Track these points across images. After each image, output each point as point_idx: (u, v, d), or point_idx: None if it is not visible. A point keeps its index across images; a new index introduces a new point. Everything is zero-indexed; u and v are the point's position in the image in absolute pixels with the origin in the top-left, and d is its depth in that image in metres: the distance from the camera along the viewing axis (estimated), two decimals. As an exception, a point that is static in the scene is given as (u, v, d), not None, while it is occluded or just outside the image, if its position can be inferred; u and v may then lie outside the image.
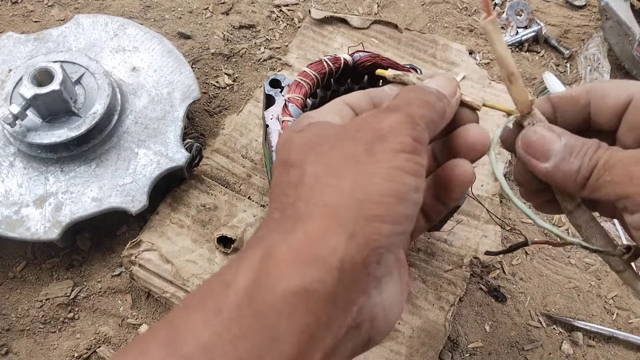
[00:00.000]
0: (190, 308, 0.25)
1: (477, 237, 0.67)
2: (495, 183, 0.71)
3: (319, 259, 0.24)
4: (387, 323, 0.29)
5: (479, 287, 0.66)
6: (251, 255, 0.25)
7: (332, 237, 0.25)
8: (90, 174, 0.61)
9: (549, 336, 0.64)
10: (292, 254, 0.25)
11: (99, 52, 0.70)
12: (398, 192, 0.27)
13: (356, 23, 0.84)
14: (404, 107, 0.30)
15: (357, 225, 0.25)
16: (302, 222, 0.26)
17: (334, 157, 0.28)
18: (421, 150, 0.29)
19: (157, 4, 0.85)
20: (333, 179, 0.27)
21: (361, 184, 0.27)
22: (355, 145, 0.28)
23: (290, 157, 0.30)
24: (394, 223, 0.27)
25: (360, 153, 0.28)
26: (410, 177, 0.28)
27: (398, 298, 0.30)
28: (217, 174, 0.68)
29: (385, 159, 0.27)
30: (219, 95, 0.78)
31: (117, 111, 0.64)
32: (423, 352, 0.59)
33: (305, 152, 0.29)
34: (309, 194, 0.27)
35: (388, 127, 0.28)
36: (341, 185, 0.27)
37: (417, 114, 0.30)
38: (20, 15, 0.82)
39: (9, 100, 0.60)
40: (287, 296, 0.23)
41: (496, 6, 0.93)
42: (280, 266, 0.24)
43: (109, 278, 0.63)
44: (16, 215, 0.59)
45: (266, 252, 0.25)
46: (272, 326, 0.23)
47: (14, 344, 0.59)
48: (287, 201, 0.28)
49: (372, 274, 0.26)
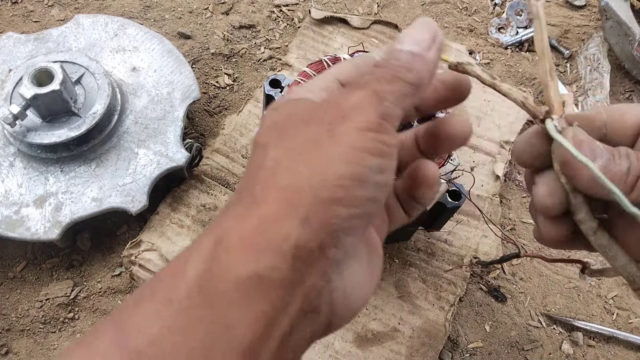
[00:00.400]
0: (141, 300, 0.24)
1: (477, 237, 0.67)
2: (495, 183, 0.71)
3: (271, 244, 0.24)
4: (349, 307, 0.29)
5: (479, 287, 0.66)
6: (203, 242, 0.25)
7: (286, 222, 0.25)
8: (90, 174, 0.61)
9: (549, 336, 0.64)
10: (244, 241, 0.24)
11: (99, 52, 0.70)
12: (357, 174, 0.26)
13: (356, 23, 0.84)
14: (371, 83, 0.28)
15: (311, 209, 0.25)
16: (257, 207, 0.25)
17: (297, 140, 0.27)
18: (388, 128, 0.27)
19: (157, 4, 0.85)
20: (292, 162, 0.26)
21: (318, 167, 0.26)
22: (318, 127, 0.27)
23: (259, 137, 0.29)
24: (351, 206, 0.26)
25: (322, 135, 0.27)
26: (373, 158, 0.27)
27: (364, 283, 0.30)
28: (217, 174, 0.68)
29: (345, 140, 0.26)
30: (219, 95, 0.78)
31: (117, 111, 0.64)
32: (423, 352, 0.59)
33: (271, 133, 0.28)
34: (267, 179, 0.26)
35: (352, 106, 0.27)
36: (299, 168, 0.26)
37: (385, 90, 0.28)
38: (20, 15, 0.82)
39: (9, 100, 0.60)
40: (239, 283, 0.23)
41: (496, 6, 0.93)
42: (232, 253, 0.24)
43: (109, 278, 0.63)
44: (16, 215, 0.59)
45: (217, 239, 0.24)
46: (224, 314, 0.23)
47: (14, 344, 0.59)
48: (247, 185, 0.27)
49: (330, 258, 0.25)
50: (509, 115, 0.77)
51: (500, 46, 0.88)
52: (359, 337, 0.59)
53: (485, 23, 0.91)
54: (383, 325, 0.60)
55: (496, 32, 0.90)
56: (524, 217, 0.72)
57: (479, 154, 0.73)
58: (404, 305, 0.62)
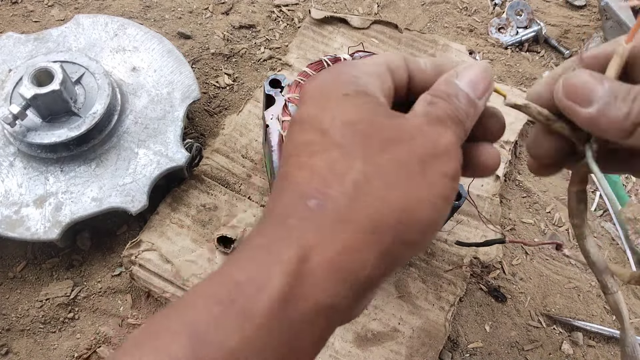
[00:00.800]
0: (217, 304, 0.23)
1: (477, 237, 0.67)
2: (495, 183, 0.71)
3: (351, 275, 0.24)
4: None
5: (479, 287, 0.66)
6: (284, 253, 0.24)
7: (368, 254, 0.25)
8: (90, 174, 0.61)
9: (549, 336, 0.64)
10: (328, 265, 0.24)
11: (99, 52, 0.70)
12: (436, 224, 0.27)
13: (356, 23, 0.84)
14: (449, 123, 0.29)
15: (391, 247, 0.26)
16: (342, 228, 0.25)
17: (386, 161, 0.27)
18: (459, 177, 0.29)
19: (157, 4, 0.85)
20: (383, 188, 0.26)
21: (409, 206, 0.26)
22: (409, 156, 0.27)
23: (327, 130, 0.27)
24: (416, 249, 0.27)
25: (414, 167, 0.27)
26: (447, 207, 0.28)
27: None
28: (217, 174, 0.68)
29: (435, 184, 0.27)
30: (219, 95, 0.78)
31: (117, 111, 0.64)
32: (423, 352, 0.59)
33: (351, 135, 0.27)
34: (356, 196, 0.26)
35: (443, 147, 0.28)
36: (390, 199, 0.26)
37: (462, 131, 0.29)
38: (20, 15, 0.82)
39: (9, 100, 0.60)
40: (317, 309, 0.24)
41: (496, 6, 0.93)
42: (316, 276, 0.24)
43: (109, 278, 0.63)
44: (16, 215, 0.59)
45: (303, 256, 0.24)
46: (297, 337, 0.23)
47: (14, 344, 0.59)
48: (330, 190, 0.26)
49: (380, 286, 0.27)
50: (509, 116, 0.77)
51: (500, 46, 0.88)
52: (359, 337, 0.59)
53: (485, 23, 0.91)
54: (383, 325, 0.60)
55: (496, 32, 0.90)
56: (524, 217, 0.72)
57: (479, 154, 0.73)
58: (404, 305, 0.62)
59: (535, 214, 0.72)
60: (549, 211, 0.73)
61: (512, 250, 0.69)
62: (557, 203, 0.73)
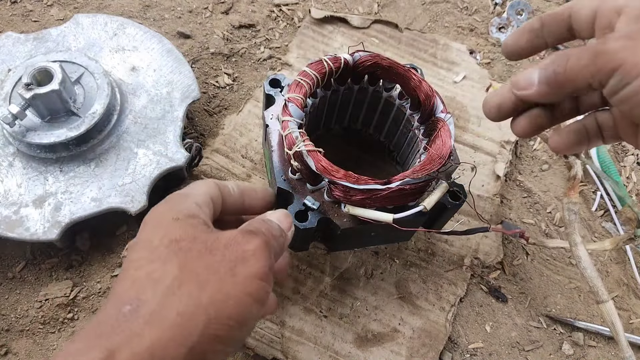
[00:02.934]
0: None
1: (478, 237, 0.67)
2: (495, 183, 0.71)
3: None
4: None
5: (479, 287, 0.66)
6: (92, 354, 0.27)
7: (174, 349, 0.28)
8: (90, 174, 0.61)
9: (550, 337, 0.63)
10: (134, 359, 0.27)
11: (99, 52, 0.70)
12: (243, 319, 0.31)
13: (356, 22, 0.84)
14: (261, 234, 0.36)
15: (198, 340, 0.29)
16: (151, 327, 0.28)
17: (201, 266, 0.32)
18: (271, 279, 0.34)
19: (157, 3, 0.85)
20: (195, 289, 0.30)
21: (218, 303, 0.30)
22: (222, 261, 0.32)
23: (156, 247, 0.33)
24: (227, 345, 0.31)
25: (225, 270, 0.32)
26: (257, 306, 0.32)
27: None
28: (217, 174, 0.68)
29: (243, 283, 0.32)
30: (218, 95, 0.78)
31: (116, 111, 0.64)
32: (423, 352, 0.59)
33: (173, 250, 0.32)
34: (167, 297, 0.30)
35: (251, 251, 0.34)
36: (200, 297, 0.30)
37: (271, 243, 0.36)
38: (19, 14, 0.82)
39: (8, 100, 0.60)
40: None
41: (497, 5, 0.93)
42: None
43: (108, 278, 0.63)
44: (15, 215, 0.59)
45: (109, 354, 0.27)
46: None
47: (13, 345, 0.59)
48: (143, 296, 0.30)
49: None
50: (510, 115, 0.77)
51: (500, 46, 0.88)
52: (359, 337, 0.59)
53: (485, 22, 0.90)
54: (383, 325, 0.60)
55: (497, 31, 0.90)
56: (524, 217, 0.72)
57: (479, 153, 0.73)
58: (404, 306, 0.62)
59: (536, 214, 0.72)
60: (549, 211, 0.73)
61: (512, 251, 0.69)
62: (557, 203, 0.73)
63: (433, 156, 0.49)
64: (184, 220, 0.35)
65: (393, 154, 0.67)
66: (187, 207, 0.37)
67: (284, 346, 0.57)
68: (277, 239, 0.38)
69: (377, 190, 0.47)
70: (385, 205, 0.49)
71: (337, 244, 0.59)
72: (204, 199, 0.40)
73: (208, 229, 0.36)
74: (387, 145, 0.67)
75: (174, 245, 0.33)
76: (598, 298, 0.44)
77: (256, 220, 0.40)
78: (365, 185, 0.47)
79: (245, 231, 0.36)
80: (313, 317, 0.60)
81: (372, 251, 0.65)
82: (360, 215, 0.49)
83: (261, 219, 0.40)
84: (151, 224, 0.36)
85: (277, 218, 0.42)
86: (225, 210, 0.44)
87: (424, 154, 0.51)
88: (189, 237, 0.34)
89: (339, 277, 0.62)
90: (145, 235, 0.35)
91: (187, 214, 0.36)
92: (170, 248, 0.33)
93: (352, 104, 0.63)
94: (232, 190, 0.44)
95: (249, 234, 0.36)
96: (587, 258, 0.44)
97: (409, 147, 0.61)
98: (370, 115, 0.65)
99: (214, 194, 0.41)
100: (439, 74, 0.80)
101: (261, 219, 0.40)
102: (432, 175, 0.49)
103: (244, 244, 0.34)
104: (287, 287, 0.61)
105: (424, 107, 0.54)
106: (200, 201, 0.39)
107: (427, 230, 0.56)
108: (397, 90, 0.59)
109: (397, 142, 0.64)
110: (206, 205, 0.39)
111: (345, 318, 0.60)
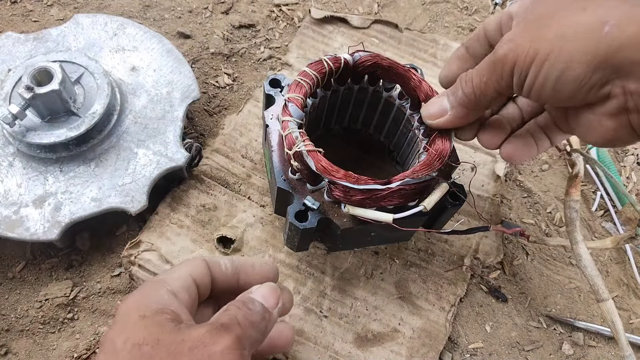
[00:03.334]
0: None
1: (478, 237, 0.67)
2: (495, 183, 0.71)
3: None
4: None
5: (479, 287, 0.66)
6: None
7: None
8: (90, 174, 0.61)
9: (550, 337, 0.64)
10: None
11: (99, 52, 0.70)
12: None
13: (356, 22, 0.84)
14: (234, 328, 0.34)
15: None
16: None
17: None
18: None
19: (157, 3, 0.85)
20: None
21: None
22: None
23: (118, 351, 0.32)
24: None
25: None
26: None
27: None
28: (217, 174, 0.68)
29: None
30: (218, 95, 0.78)
31: (116, 111, 0.64)
32: (423, 352, 0.59)
33: (135, 356, 0.32)
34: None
35: (219, 353, 0.32)
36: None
37: (244, 336, 0.34)
38: (19, 14, 0.82)
39: (8, 100, 0.60)
40: None
41: (497, 5, 0.93)
42: None
43: (108, 278, 0.63)
44: (15, 215, 0.59)
45: None
46: None
47: (13, 345, 0.59)
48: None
49: None
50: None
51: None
52: (359, 337, 0.59)
53: (485, 22, 0.90)
54: (383, 325, 0.60)
55: (497, 31, 0.89)
56: (524, 217, 0.72)
57: (479, 153, 0.73)
58: (404, 306, 0.62)
59: (536, 214, 0.72)
60: (549, 211, 0.73)
61: (512, 251, 0.69)
62: (557, 203, 0.73)
63: (433, 156, 0.49)
64: (150, 317, 0.34)
65: (393, 154, 0.67)
66: (158, 300, 0.35)
67: (284, 346, 0.57)
68: (256, 326, 0.35)
69: (377, 190, 0.47)
70: (385, 205, 0.49)
71: (337, 244, 0.59)
72: (183, 283, 0.38)
73: (175, 328, 0.34)
74: (387, 145, 0.67)
75: (136, 351, 0.32)
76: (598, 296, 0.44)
77: (233, 305, 0.36)
78: (365, 185, 0.47)
79: (215, 327, 0.33)
80: (313, 317, 0.60)
81: (372, 251, 0.65)
82: (360, 215, 0.49)
83: (240, 302, 0.37)
84: (119, 320, 0.35)
85: (262, 295, 0.39)
86: (216, 290, 0.42)
87: (424, 154, 0.51)
88: (152, 341, 0.32)
89: (339, 277, 0.62)
90: (110, 335, 0.34)
91: (155, 309, 0.34)
92: (132, 354, 0.32)
93: (352, 104, 0.63)
94: (225, 268, 0.42)
95: (219, 330, 0.33)
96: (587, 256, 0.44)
97: (409, 147, 0.61)
98: (370, 115, 0.65)
99: (198, 274, 0.40)
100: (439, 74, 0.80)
101: (240, 302, 0.37)
102: (432, 175, 0.49)
103: (211, 344, 0.32)
104: (287, 288, 0.61)
105: (424, 107, 0.55)
106: (176, 287, 0.37)
107: (427, 230, 0.55)
108: (397, 90, 0.59)
109: (397, 142, 0.64)
110: (185, 290, 0.38)
111: (345, 318, 0.60)
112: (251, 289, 0.40)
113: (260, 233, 0.64)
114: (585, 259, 0.41)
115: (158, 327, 0.33)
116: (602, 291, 0.42)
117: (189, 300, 0.38)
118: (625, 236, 0.47)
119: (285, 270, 0.62)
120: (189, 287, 0.38)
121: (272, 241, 0.63)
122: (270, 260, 0.45)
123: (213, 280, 0.41)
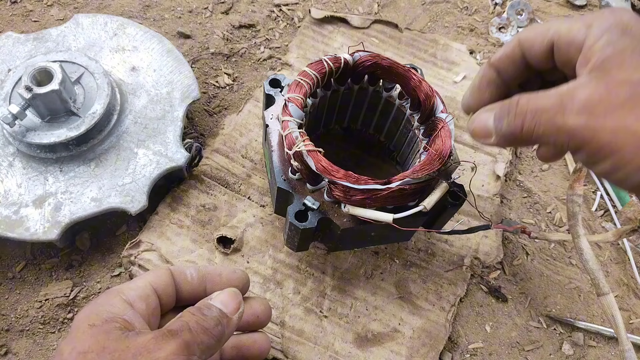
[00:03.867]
0: None
1: (478, 237, 0.67)
2: (495, 183, 0.71)
3: None
4: None
5: (479, 287, 0.66)
6: None
7: None
8: (90, 174, 0.61)
9: (550, 337, 0.63)
10: None
11: (99, 52, 0.70)
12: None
13: (356, 22, 0.84)
14: (183, 333, 0.33)
15: None
16: None
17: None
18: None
19: (157, 3, 0.85)
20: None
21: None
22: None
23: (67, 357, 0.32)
24: None
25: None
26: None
27: None
28: (217, 174, 0.68)
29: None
30: (218, 95, 0.78)
31: (116, 111, 0.64)
32: (423, 352, 0.59)
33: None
34: None
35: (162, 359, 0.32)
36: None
37: (194, 342, 0.33)
38: (19, 14, 0.82)
39: (8, 100, 0.60)
40: None
41: (497, 5, 0.93)
42: None
43: (108, 278, 0.63)
44: (15, 215, 0.59)
45: None
46: None
47: (13, 345, 0.59)
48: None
49: None
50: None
51: (501, 46, 0.88)
52: (359, 337, 0.59)
53: (485, 22, 0.90)
54: (383, 325, 0.60)
55: (497, 31, 0.90)
56: (524, 217, 0.72)
57: (479, 153, 0.73)
58: (405, 306, 0.62)
59: (536, 214, 0.72)
60: (549, 211, 0.73)
61: (512, 251, 0.69)
62: (557, 203, 0.73)
63: (433, 156, 0.49)
64: (99, 326, 0.34)
65: (393, 154, 0.67)
66: (109, 309, 0.36)
67: (284, 346, 0.57)
68: (209, 332, 0.35)
69: (377, 190, 0.47)
70: (385, 205, 0.49)
71: (337, 244, 0.59)
72: (141, 292, 0.38)
73: (122, 336, 0.33)
74: (387, 145, 0.67)
75: (81, 359, 0.32)
76: (599, 290, 0.44)
77: (187, 311, 0.36)
78: (365, 185, 0.47)
79: (162, 333, 0.33)
80: (313, 317, 0.60)
81: (372, 251, 0.65)
82: (360, 215, 0.49)
83: (195, 308, 0.37)
84: (71, 330, 0.35)
85: (221, 301, 0.38)
86: (183, 300, 0.42)
87: (424, 154, 0.51)
88: (97, 348, 0.32)
89: (339, 277, 0.62)
90: (61, 345, 0.34)
91: (105, 318, 0.35)
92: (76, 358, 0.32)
93: (352, 104, 0.63)
94: (190, 277, 0.42)
95: (165, 337, 0.33)
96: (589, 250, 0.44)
97: (409, 147, 0.61)
98: (370, 115, 0.65)
99: (161, 284, 0.40)
100: (439, 74, 0.80)
101: (195, 308, 0.37)
102: (432, 175, 0.49)
103: (155, 350, 0.32)
104: (288, 288, 0.61)
105: (424, 107, 0.54)
106: (132, 296, 0.37)
107: (427, 230, 0.55)
108: (397, 90, 0.59)
109: (397, 142, 0.64)
110: (141, 299, 0.38)
111: (345, 318, 0.60)
112: (211, 295, 0.40)
113: (260, 233, 0.64)
114: (586, 253, 0.42)
115: (104, 335, 0.33)
116: (603, 285, 0.42)
117: (146, 310, 0.38)
118: (628, 229, 0.47)
119: (285, 270, 0.62)
120: (147, 296, 0.39)
121: (272, 241, 0.63)
122: (240, 269, 0.45)
123: (178, 290, 0.41)
